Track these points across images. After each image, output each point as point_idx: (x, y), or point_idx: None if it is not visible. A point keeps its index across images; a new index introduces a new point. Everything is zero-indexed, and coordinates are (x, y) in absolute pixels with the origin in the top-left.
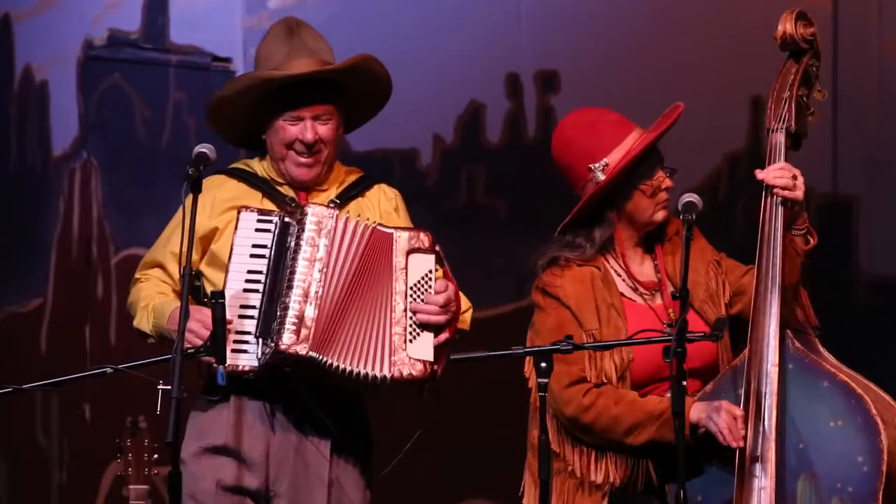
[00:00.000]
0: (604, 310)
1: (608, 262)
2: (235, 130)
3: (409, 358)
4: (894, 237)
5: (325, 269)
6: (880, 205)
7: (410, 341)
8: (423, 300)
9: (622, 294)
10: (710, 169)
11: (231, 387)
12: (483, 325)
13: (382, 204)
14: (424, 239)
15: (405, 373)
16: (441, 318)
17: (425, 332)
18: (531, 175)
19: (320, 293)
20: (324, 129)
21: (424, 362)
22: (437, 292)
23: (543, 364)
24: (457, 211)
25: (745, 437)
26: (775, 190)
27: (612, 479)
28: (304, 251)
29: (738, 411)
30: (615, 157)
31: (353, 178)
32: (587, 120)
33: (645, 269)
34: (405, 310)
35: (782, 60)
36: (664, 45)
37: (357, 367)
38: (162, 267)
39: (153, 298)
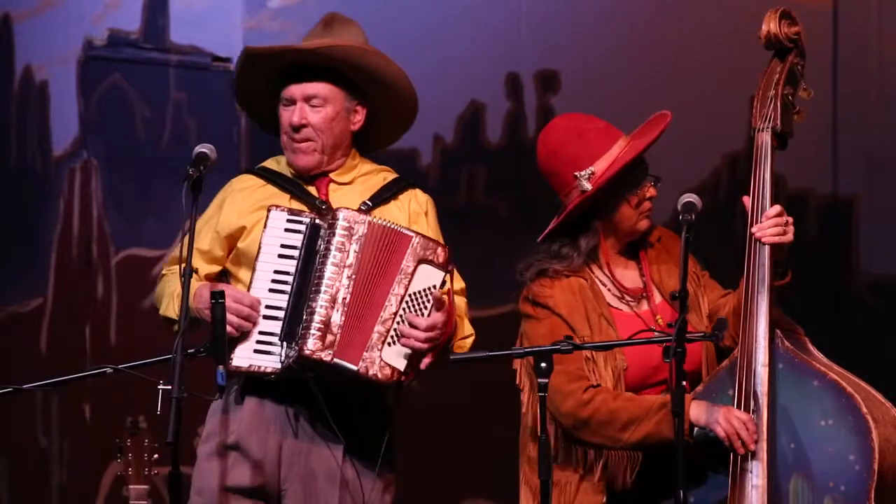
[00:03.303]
0: (594, 319)
1: (593, 272)
2: (263, 117)
3: (381, 360)
4: (894, 237)
5: (353, 276)
6: (880, 205)
7: (389, 344)
8: (416, 311)
9: (609, 304)
10: (710, 169)
11: (252, 387)
12: (483, 325)
13: (412, 206)
14: (441, 253)
15: (371, 372)
16: (420, 344)
17: (405, 343)
18: (531, 175)
19: (348, 300)
20: (314, 115)
21: (393, 369)
22: (434, 307)
23: (543, 364)
24: (457, 211)
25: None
26: (767, 241)
27: (610, 478)
28: (334, 256)
29: (745, 414)
30: (601, 166)
31: (383, 176)
32: (575, 126)
33: (629, 275)
34: (395, 313)
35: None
36: (664, 46)
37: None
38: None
39: (178, 286)
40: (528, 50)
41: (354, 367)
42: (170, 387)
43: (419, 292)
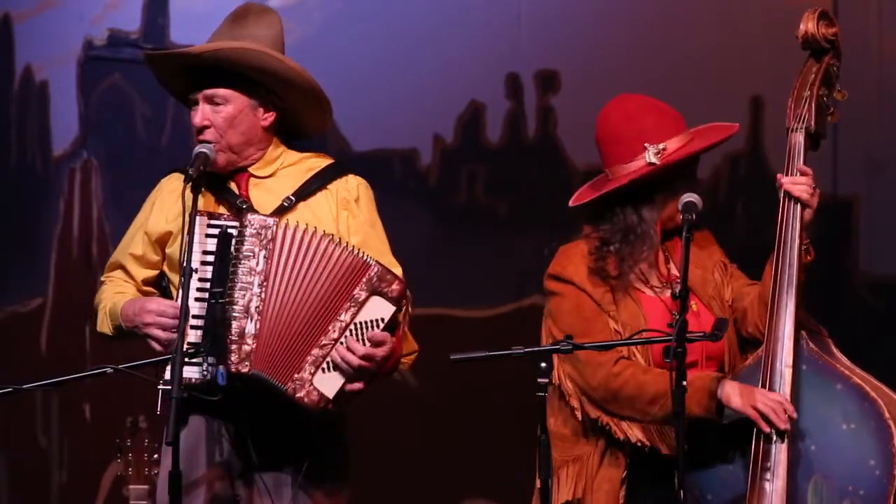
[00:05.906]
0: (620, 296)
1: None
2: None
3: (311, 384)
4: (894, 237)
5: (265, 283)
6: (880, 205)
7: (323, 370)
8: (358, 341)
9: (634, 286)
10: (710, 169)
11: (192, 404)
12: (483, 325)
13: (341, 193)
14: (396, 288)
15: (298, 394)
16: (349, 369)
17: (339, 371)
18: (531, 175)
19: (261, 308)
20: (216, 116)
21: (322, 396)
22: (370, 342)
23: (543, 364)
24: (457, 211)
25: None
26: (794, 194)
27: (637, 442)
28: (245, 263)
29: (779, 395)
30: (674, 146)
31: (309, 166)
32: (654, 102)
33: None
34: (335, 339)
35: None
36: (664, 45)
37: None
38: (123, 268)
39: (110, 300)
40: (528, 50)
41: (282, 386)
42: (170, 387)
43: (366, 323)
